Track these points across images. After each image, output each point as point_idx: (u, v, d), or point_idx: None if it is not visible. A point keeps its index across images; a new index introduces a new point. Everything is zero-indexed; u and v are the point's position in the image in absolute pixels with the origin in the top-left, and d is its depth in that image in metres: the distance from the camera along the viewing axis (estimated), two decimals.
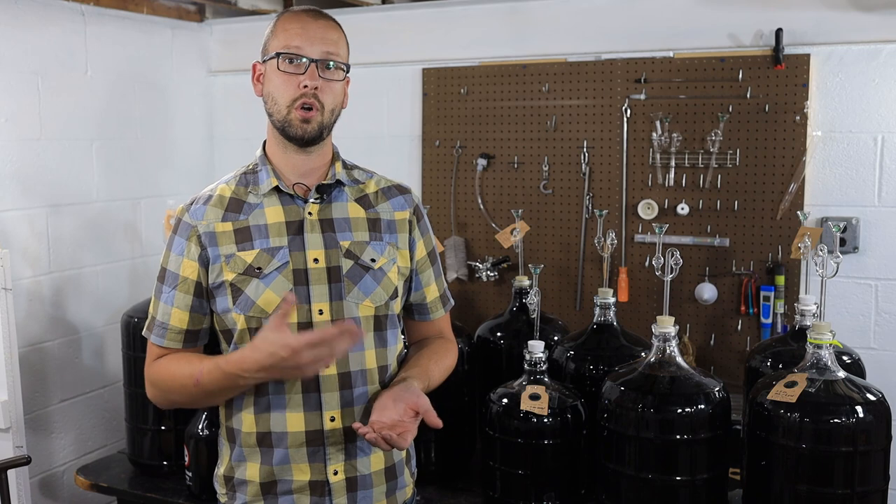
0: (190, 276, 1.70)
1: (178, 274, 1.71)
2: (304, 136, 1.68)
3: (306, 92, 1.65)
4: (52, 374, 2.84)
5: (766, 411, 1.90)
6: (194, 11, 3.32)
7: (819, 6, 2.58)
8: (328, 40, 1.68)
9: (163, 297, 1.73)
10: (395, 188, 1.84)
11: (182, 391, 1.69)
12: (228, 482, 1.76)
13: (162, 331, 1.72)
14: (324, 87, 1.67)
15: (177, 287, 1.71)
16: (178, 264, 1.71)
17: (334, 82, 1.69)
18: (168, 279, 1.72)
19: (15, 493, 2.44)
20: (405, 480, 1.82)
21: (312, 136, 1.69)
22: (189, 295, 1.71)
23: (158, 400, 1.76)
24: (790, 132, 2.64)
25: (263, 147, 1.78)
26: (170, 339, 1.72)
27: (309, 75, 1.66)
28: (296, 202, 1.73)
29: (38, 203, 2.76)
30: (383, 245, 1.75)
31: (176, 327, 1.72)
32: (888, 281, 2.59)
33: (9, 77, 2.66)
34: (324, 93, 1.67)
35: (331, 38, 1.69)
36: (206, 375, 1.62)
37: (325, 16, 1.73)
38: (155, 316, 1.74)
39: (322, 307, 1.68)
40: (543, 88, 2.94)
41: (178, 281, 1.71)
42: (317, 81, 1.66)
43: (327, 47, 1.68)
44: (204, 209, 1.73)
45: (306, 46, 1.66)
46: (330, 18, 1.73)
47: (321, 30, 1.69)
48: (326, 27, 1.70)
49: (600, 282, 2.76)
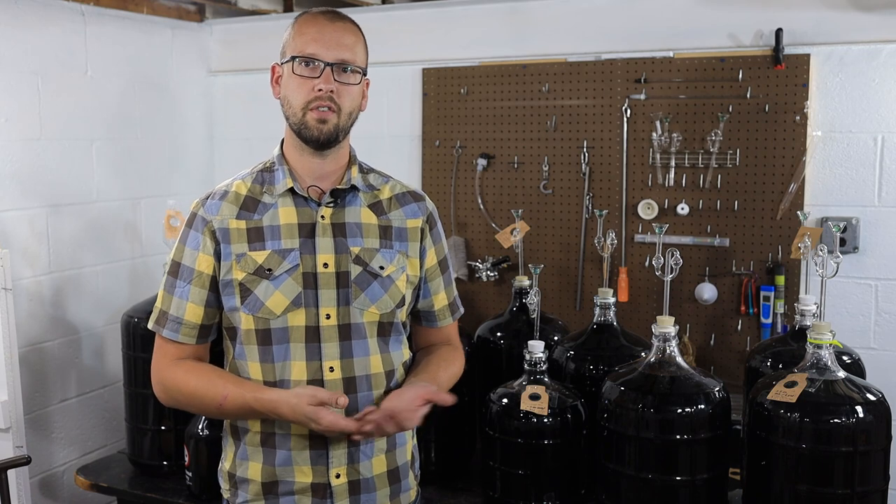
0: (205, 270, 1.70)
1: (193, 268, 1.71)
2: (321, 138, 1.67)
3: (321, 95, 1.65)
4: (52, 374, 2.84)
5: (766, 411, 1.90)
6: (194, 11, 3.32)
7: (819, 6, 2.58)
8: (344, 44, 1.67)
9: (176, 291, 1.72)
10: (409, 195, 1.83)
11: (201, 407, 1.72)
12: (231, 478, 1.76)
13: (176, 325, 1.71)
14: (340, 90, 1.66)
15: (192, 282, 1.71)
16: (194, 259, 1.71)
17: (351, 86, 1.68)
18: (183, 274, 1.72)
19: (15, 493, 2.44)
20: (409, 483, 1.82)
21: (328, 138, 1.68)
22: (205, 290, 1.71)
23: (165, 400, 1.76)
24: (790, 132, 2.64)
25: (282, 146, 1.77)
26: (184, 333, 1.72)
27: (324, 79, 1.65)
28: (309, 205, 1.72)
29: (38, 203, 2.76)
30: (393, 253, 1.75)
31: (191, 322, 1.71)
32: (888, 281, 2.59)
33: (9, 77, 2.66)
34: (340, 96, 1.67)
35: (347, 41, 1.68)
36: (231, 402, 1.65)
37: (342, 18, 1.71)
38: (167, 311, 1.73)
39: (329, 311, 1.69)
40: (543, 88, 2.94)
41: (194, 276, 1.70)
42: (332, 85, 1.65)
43: (343, 51, 1.67)
44: (219, 205, 1.72)
45: (322, 50, 1.65)
46: (348, 20, 1.72)
47: (338, 33, 1.68)
48: (343, 30, 1.69)
49: (600, 282, 2.76)
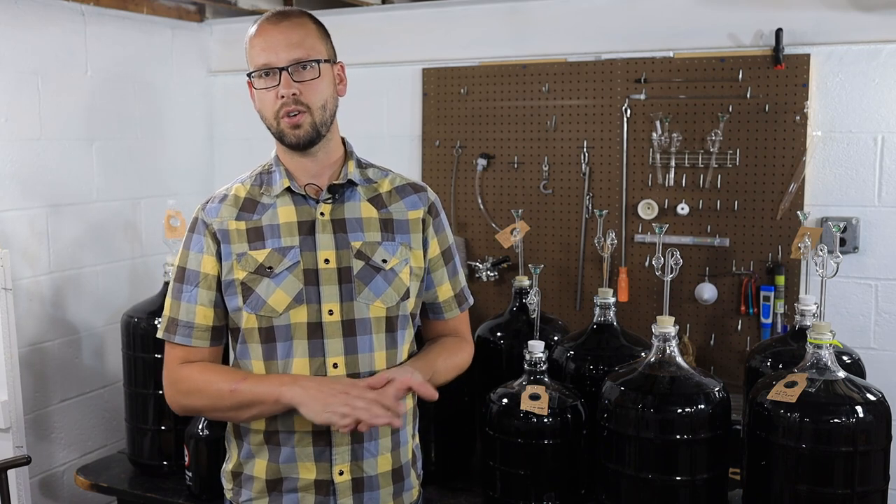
0: (211, 272, 1.71)
1: (199, 271, 1.71)
2: (300, 142, 1.68)
3: (285, 101, 1.64)
4: (52, 374, 2.84)
5: (766, 411, 1.90)
6: (194, 11, 3.32)
7: (819, 6, 2.58)
8: (292, 44, 1.65)
9: (184, 296, 1.71)
10: (409, 186, 1.82)
11: (215, 396, 1.66)
12: (236, 478, 1.76)
13: (188, 330, 1.71)
14: (303, 88, 1.65)
15: (199, 284, 1.71)
16: (199, 261, 1.71)
17: (313, 81, 1.66)
18: (189, 278, 1.72)
19: (15, 493, 2.44)
20: (411, 482, 1.82)
21: (309, 139, 1.68)
22: (212, 291, 1.71)
23: (178, 402, 1.73)
24: (790, 132, 2.64)
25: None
26: (197, 337, 1.71)
27: (284, 84, 1.64)
28: (308, 202, 1.72)
29: (38, 203, 2.76)
30: (395, 245, 1.74)
31: (202, 325, 1.71)
32: (888, 281, 2.59)
33: (9, 77, 2.66)
34: (306, 94, 1.65)
35: (294, 39, 1.66)
36: (245, 383, 1.63)
37: (287, 16, 1.69)
38: (176, 318, 1.72)
39: (332, 307, 1.68)
40: (543, 88, 2.94)
41: (200, 278, 1.71)
42: (292, 88, 1.64)
43: (293, 50, 1.65)
44: (219, 207, 1.73)
45: (272, 57, 1.64)
46: (294, 16, 1.69)
47: (283, 34, 1.66)
48: (289, 29, 1.67)
49: (600, 282, 2.76)
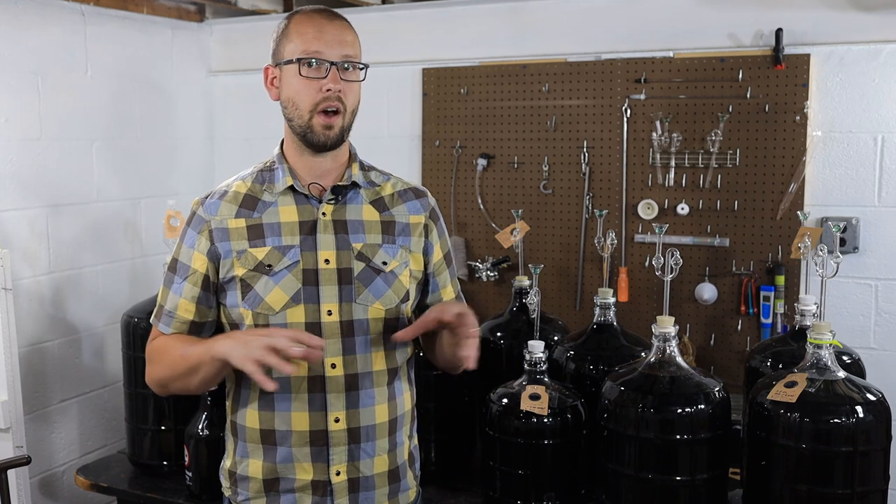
0: (199, 268, 1.72)
1: (188, 265, 1.73)
2: (328, 142, 1.68)
3: (329, 95, 1.65)
4: (52, 374, 2.84)
5: (766, 411, 1.90)
6: (194, 11, 3.32)
7: (819, 6, 2.58)
8: (346, 42, 1.68)
9: (173, 286, 1.75)
10: (411, 191, 1.83)
11: (171, 363, 1.69)
12: (232, 476, 1.77)
13: (169, 319, 1.74)
14: (345, 88, 1.67)
15: (186, 278, 1.72)
16: (189, 256, 1.73)
17: (354, 83, 1.69)
18: (179, 270, 1.74)
19: (15, 493, 2.44)
20: (408, 483, 1.81)
21: (336, 140, 1.69)
22: (196, 287, 1.72)
23: (148, 375, 1.77)
24: (790, 132, 2.64)
25: (281, 146, 1.78)
26: (175, 327, 1.74)
27: (331, 78, 1.65)
28: (310, 202, 1.72)
29: (38, 203, 2.76)
30: (396, 248, 1.75)
31: (182, 317, 1.73)
32: (888, 281, 2.59)
33: (9, 77, 2.66)
34: (346, 95, 1.67)
35: (348, 39, 1.69)
36: (191, 347, 1.65)
37: (339, 16, 1.71)
38: (163, 305, 1.76)
39: (331, 308, 1.68)
40: (543, 88, 2.94)
41: (189, 272, 1.72)
42: (339, 84, 1.65)
43: (345, 49, 1.67)
44: (218, 204, 1.73)
45: (325, 50, 1.65)
46: (344, 18, 1.72)
47: (338, 31, 1.68)
48: (343, 28, 1.70)
49: (600, 282, 2.76)
